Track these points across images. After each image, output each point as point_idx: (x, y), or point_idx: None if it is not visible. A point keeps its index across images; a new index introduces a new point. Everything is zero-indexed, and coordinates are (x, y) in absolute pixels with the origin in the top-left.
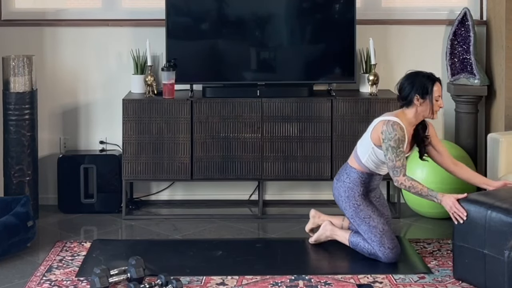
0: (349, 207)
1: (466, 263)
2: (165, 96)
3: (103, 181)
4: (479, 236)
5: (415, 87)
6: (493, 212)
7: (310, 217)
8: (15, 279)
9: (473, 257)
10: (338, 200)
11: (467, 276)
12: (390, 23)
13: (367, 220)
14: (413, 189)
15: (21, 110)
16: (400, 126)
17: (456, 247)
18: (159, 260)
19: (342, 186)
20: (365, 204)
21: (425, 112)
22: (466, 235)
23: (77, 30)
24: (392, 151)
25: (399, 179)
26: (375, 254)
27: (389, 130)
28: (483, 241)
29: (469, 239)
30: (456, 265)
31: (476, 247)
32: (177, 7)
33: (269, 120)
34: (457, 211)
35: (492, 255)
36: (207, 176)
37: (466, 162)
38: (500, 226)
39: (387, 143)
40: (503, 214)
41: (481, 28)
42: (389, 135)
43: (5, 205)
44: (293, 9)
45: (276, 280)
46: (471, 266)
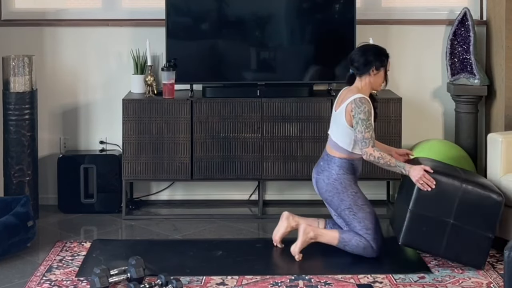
0: (347, 197)
1: (423, 230)
2: (165, 96)
3: (103, 181)
4: (448, 206)
5: (372, 59)
6: (469, 186)
7: (283, 219)
8: (15, 279)
9: (435, 226)
10: (329, 193)
11: (418, 243)
12: (390, 23)
13: (364, 207)
14: (382, 159)
15: (21, 110)
16: (367, 99)
17: (413, 214)
18: (159, 260)
19: (336, 179)
20: (360, 191)
21: (376, 84)
22: (430, 204)
23: (77, 30)
24: (362, 123)
25: (368, 150)
26: (367, 247)
27: (358, 105)
28: (450, 212)
29: (434, 208)
30: (407, 231)
31: (441, 217)
32: (177, 7)
33: (269, 120)
34: (426, 180)
35: (459, 225)
36: (207, 176)
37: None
38: (475, 199)
39: (357, 117)
40: (480, 188)
41: (481, 28)
42: (358, 109)
43: (5, 205)
44: (293, 9)
45: (276, 280)
46: (427, 234)
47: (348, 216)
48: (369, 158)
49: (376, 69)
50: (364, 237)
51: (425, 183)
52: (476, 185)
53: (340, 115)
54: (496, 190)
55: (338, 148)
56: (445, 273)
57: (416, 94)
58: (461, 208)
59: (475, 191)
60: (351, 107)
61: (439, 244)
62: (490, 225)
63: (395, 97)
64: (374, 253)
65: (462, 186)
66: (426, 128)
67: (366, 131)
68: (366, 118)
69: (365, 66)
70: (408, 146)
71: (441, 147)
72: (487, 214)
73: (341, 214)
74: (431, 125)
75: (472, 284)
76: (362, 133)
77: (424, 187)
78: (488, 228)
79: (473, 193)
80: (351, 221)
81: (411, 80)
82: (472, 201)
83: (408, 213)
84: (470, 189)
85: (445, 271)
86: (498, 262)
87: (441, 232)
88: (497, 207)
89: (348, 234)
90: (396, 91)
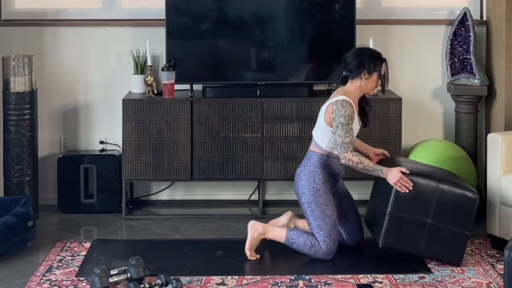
0: (308, 191)
1: (401, 232)
2: (165, 96)
3: (103, 181)
4: (425, 207)
5: (365, 62)
6: (445, 185)
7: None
8: (15, 279)
9: (413, 227)
10: (297, 186)
11: (398, 244)
12: (390, 23)
13: (323, 207)
14: (360, 164)
15: (21, 110)
16: (349, 103)
17: (392, 217)
18: (159, 260)
19: (303, 171)
20: (324, 190)
21: (367, 88)
22: (408, 206)
23: (77, 30)
24: (341, 127)
25: (347, 155)
26: (316, 246)
27: (338, 108)
28: (428, 212)
29: (412, 210)
30: (386, 234)
31: (419, 217)
32: (177, 7)
33: (269, 120)
34: (404, 183)
35: (437, 225)
36: (207, 176)
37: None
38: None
39: (337, 120)
40: (455, 187)
41: (481, 28)
42: (339, 113)
43: (5, 205)
44: (293, 9)
45: (276, 280)
46: (406, 235)
47: (306, 211)
48: (347, 163)
49: (368, 72)
50: (316, 236)
51: (402, 185)
52: (452, 184)
53: (321, 113)
54: (471, 189)
55: (317, 146)
56: (445, 273)
57: (416, 94)
58: (438, 208)
59: (451, 190)
60: (332, 109)
61: (418, 244)
62: (467, 223)
63: (395, 97)
64: (323, 255)
65: (438, 186)
66: (426, 128)
67: (346, 135)
68: (346, 123)
69: (357, 69)
70: (408, 146)
71: (441, 147)
72: (463, 212)
73: (302, 207)
74: (431, 125)
75: (472, 284)
76: (342, 137)
77: (401, 189)
78: (464, 226)
79: (449, 193)
80: (308, 216)
81: (411, 80)
82: (448, 201)
83: (387, 216)
84: (446, 189)
85: (445, 271)
86: (498, 262)
87: (420, 232)
88: (472, 205)
89: (296, 232)
90: (396, 91)
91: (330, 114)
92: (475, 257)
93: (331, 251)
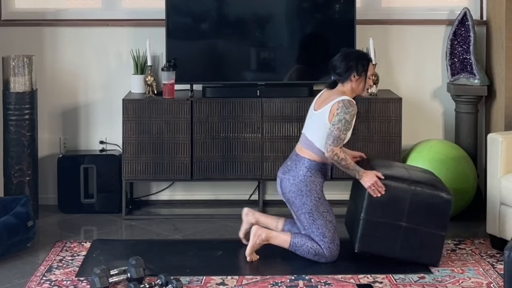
0: (310, 201)
1: (377, 236)
2: (165, 96)
3: (103, 181)
4: (399, 210)
5: (353, 65)
6: (417, 187)
7: (243, 216)
8: (15, 279)
9: (388, 230)
10: (292, 194)
11: (374, 248)
12: (390, 23)
13: (325, 215)
14: (344, 161)
15: (21, 110)
16: (354, 103)
17: (366, 222)
18: (159, 260)
19: (302, 181)
20: (324, 197)
21: (358, 89)
22: (381, 210)
23: (77, 30)
24: (344, 123)
25: (336, 149)
26: (320, 254)
27: (346, 106)
28: (402, 215)
29: (386, 214)
30: (361, 239)
31: (394, 221)
32: (177, 7)
33: (269, 120)
34: (377, 187)
35: (412, 227)
36: (207, 176)
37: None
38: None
39: (342, 116)
40: (429, 189)
41: (481, 28)
42: (346, 109)
43: (5, 205)
44: (293, 9)
45: (276, 280)
46: (382, 239)
47: (307, 220)
48: (333, 158)
49: (358, 74)
50: (319, 244)
51: (376, 189)
52: (425, 185)
53: (323, 115)
54: (445, 189)
55: (313, 149)
56: (445, 273)
57: (416, 94)
58: (412, 210)
59: (424, 192)
60: (338, 106)
61: (394, 247)
62: (442, 223)
63: (395, 97)
64: (326, 260)
65: (411, 189)
66: (426, 128)
67: (344, 132)
68: (350, 121)
69: (346, 72)
70: (408, 146)
71: (441, 147)
72: (438, 213)
73: (300, 217)
74: (431, 125)
75: (472, 284)
76: (340, 131)
77: (374, 194)
78: (440, 227)
79: (422, 194)
80: (310, 225)
81: (411, 80)
82: (422, 202)
83: (361, 221)
84: (419, 191)
85: (445, 271)
86: (498, 262)
87: (395, 235)
88: (447, 205)
89: (301, 239)
90: (396, 91)
91: (334, 113)
92: (475, 257)
93: (334, 257)
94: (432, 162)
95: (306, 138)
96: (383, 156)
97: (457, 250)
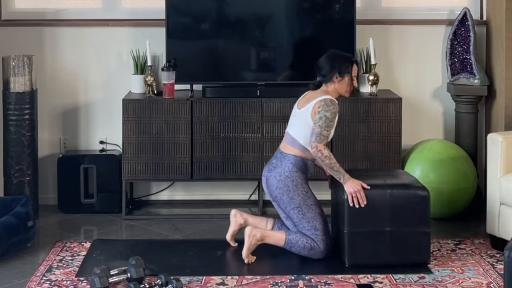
0: (297, 195)
1: (364, 247)
2: (165, 96)
3: (103, 181)
4: (381, 216)
5: (336, 66)
6: (394, 190)
7: (231, 217)
8: (15, 279)
9: (373, 239)
10: (279, 191)
11: (364, 259)
12: (390, 23)
13: (314, 208)
14: (328, 159)
15: (21, 110)
16: (336, 102)
17: (351, 235)
18: (159, 260)
19: (288, 176)
20: (310, 191)
21: (341, 90)
22: (363, 220)
23: (77, 30)
24: (325, 120)
25: (319, 145)
26: (314, 248)
27: (327, 104)
28: (384, 220)
29: (369, 222)
30: (350, 253)
31: (377, 227)
32: (177, 7)
33: (269, 120)
34: (359, 198)
35: (396, 230)
36: (207, 176)
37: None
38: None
39: (323, 113)
40: (405, 189)
41: (481, 28)
42: (327, 107)
43: (5, 205)
44: (293, 9)
45: (276, 280)
46: (370, 249)
47: (297, 216)
48: (317, 154)
49: (340, 75)
50: (312, 237)
51: (356, 198)
52: (401, 186)
53: (305, 113)
54: (421, 186)
55: (296, 145)
56: (445, 273)
57: (416, 94)
58: (393, 213)
59: (401, 193)
60: (320, 105)
61: (384, 254)
62: (424, 220)
63: (395, 97)
64: (321, 255)
65: (388, 192)
66: (426, 128)
67: (325, 128)
68: (331, 118)
69: (330, 73)
70: (408, 146)
71: (441, 147)
72: (418, 211)
73: (290, 213)
74: (431, 125)
75: (472, 284)
76: (322, 128)
77: (352, 202)
78: (423, 224)
79: (400, 196)
80: (300, 220)
81: (411, 80)
82: (401, 204)
83: (345, 235)
84: (397, 193)
85: (445, 271)
86: (498, 262)
87: (381, 241)
88: (426, 201)
89: (295, 236)
90: (396, 91)
91: (316, 111)
92: (475, 257)
93: (328, 249)
94: (432, 162)
95: (290, 136)
96: (383, 156)
97: (457, 250)
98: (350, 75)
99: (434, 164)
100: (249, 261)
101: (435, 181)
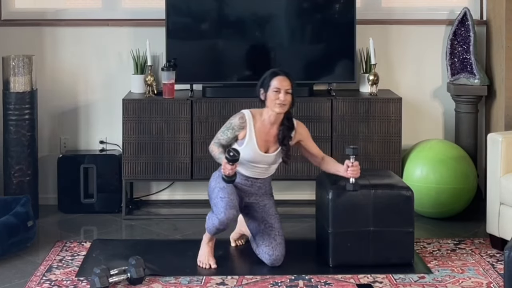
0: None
1: (347, 247)
2: (165, 96)
3: (103, 181)
4: (364, 216)
5: (259, 82)
6: (378, 190)
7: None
8: (15, 279)
9: (357, 238)
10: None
11: (347, 259)
12: (390, 23)
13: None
14: (212, 152)
15: (21, 110)
16: (242, 116)
17: (335, 235)
18: (159, 260)
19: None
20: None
21: (270, 105)
22: (347, 220)
23: (77, 30)
24: (222, 128)
25: (211, 145)
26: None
27: (236, 115)
28: (367, 220)
29: (351, 222)
30: (334, 253)
31: (361, 228)
32: (177, 7)
33: None
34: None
35: (379, 230)
36: (207, 176)
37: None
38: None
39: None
40: (389, 189)
41: (481, 28)
42: (232, 117)
43: (5, 205)
44: (293, 9)
45: (276, 280)
46: (352, 248)
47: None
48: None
49: (264, 90)
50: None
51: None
52: (385, 187)
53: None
54: (405, 186)
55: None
56: (445, 273)
57: (416, 94)
58: (377, 213)
59: (385, 193)
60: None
61: (367, 253)
62: (408, 220)
63: (395, 97)
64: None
65: (371, 192)
66: (426, 128)
67: (221, 133)
68: (228, 126)
69: (257, 90)
70: (408, 146)
71: (441, 147)
72: (402, 210)
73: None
74: (431, 125)
75: (472, 284)
76: (219, 132)
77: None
78: (407, 224)
79: (383, 196)
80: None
81: (411, 80)
82: (385, 204)
83: (330, 235)
84: (380, 193)
85: (445, 271)
86: (498, 262)
87: (365, 241)
88: (409, 201)
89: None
90: (396, 91)
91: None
92: (475, 257)
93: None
94: (432, 162)
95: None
96: (383, 156)
97: (457, 250)
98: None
99: (434, 164)
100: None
101: (435, 181)
